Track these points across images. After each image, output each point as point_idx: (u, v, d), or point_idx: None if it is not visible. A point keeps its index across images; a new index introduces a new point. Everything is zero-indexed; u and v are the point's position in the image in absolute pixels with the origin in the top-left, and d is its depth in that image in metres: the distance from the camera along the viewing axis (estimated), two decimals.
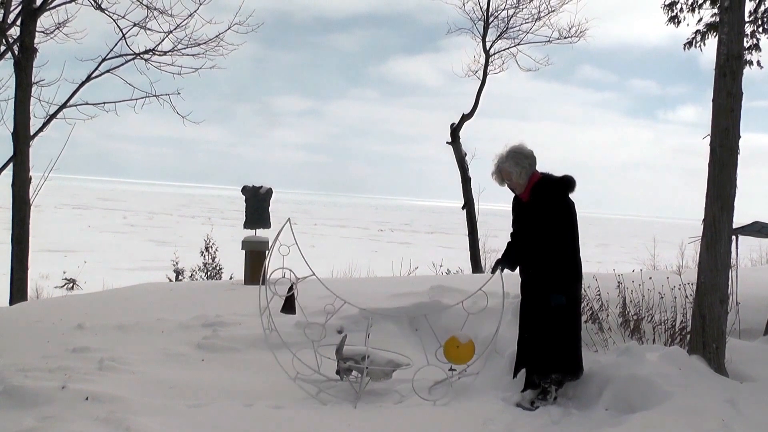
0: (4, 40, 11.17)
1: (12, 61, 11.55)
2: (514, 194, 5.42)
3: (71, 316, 7.79)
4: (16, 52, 11.50)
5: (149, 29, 12.62)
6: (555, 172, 5.30)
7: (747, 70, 8.90)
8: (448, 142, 17.53)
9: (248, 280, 10.64)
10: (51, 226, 35.85)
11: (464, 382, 5.50)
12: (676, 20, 9.80)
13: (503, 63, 17.85)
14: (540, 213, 5.17)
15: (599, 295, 6.95)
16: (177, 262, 16.68)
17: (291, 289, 5.68)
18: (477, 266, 17.19)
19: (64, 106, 12.47)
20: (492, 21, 17.37)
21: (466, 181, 17.50)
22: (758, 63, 9.85)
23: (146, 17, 12.45)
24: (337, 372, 5.51)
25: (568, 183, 5.20)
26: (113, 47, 12.68)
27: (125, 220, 51.78)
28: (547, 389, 5.14)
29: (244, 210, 11.33)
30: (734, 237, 5.85)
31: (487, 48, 17.59)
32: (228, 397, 5.17)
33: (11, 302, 11.17)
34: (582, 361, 5.31)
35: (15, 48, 11.54)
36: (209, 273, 16.55)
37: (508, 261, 5.50)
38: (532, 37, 17.51)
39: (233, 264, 15.10)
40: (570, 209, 5.18)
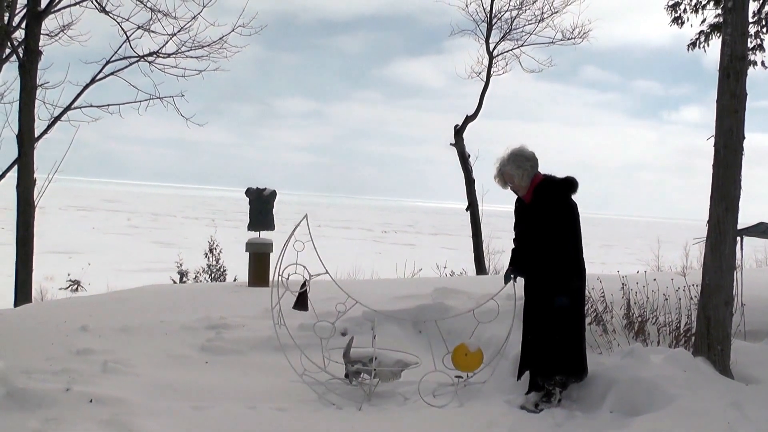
0: (9, 43, 11.20)
1: (17, 63, 11.59)
2: (516, 196, 5.42)
3: (75, 318, 7.80)
4: (21, 55, 11.53)
5: (153, 32, 12.67)
6: (558, 174, 5.30)
7: (751, 71, 8.90)
8: (451, 144, 17.53)
9: (252, 282, 10.64)
10: (55, 228, 35.93)
11: (468, 384, 5.49)
12: (680, 21, 9.79)
13: (506, 64, 17.88)
14: (542, 214, 5.17)
15: (603, 296, 6.93)
16: (181, 264, 16.71)
17: (304, 285, 5.66)
18: (481, 268, 17.18)
19: (68, 108, 12.50)
20: (495, 22, 17.39)
21: (470, 182, 17.49)
22: (762, 63, 9.85)
23: (150, 20, 12.51)
24: (346, 375, 5.50)
25: (570, 184, 5.19)
26: (117, 50, 12.72)
27: (129, 222, 51.85)
28: (551, 391, 5.12)
29: (248, 212, 11.34)
30: (739, 238, 5.82)
31: (491, 49, 17.60)
32: (232, 399, 5.17)
33: (16, 304, 11.19)
34: (586, 362, 5.30)
35: (20, 51, 11.58)
36: (213, 275, 16.58)
37: (518, 269, 5.47)
38: (535, 38, 17.53)
39: (237, 266, 15.11)
40: (572, 210, 5.17)
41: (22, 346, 6.53)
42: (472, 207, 17.46)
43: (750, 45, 9.22)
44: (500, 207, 5.58)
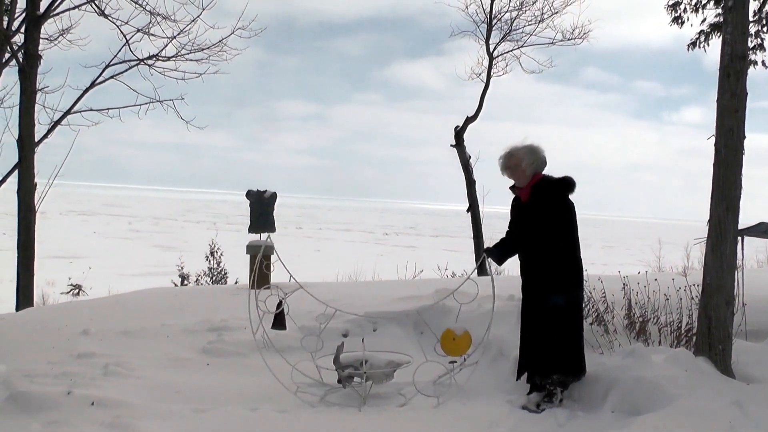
0: (8, 48, 11.21)
1: (17, 68, 11.59)
2: (513, 195, 5.44)
3: (77, 321, 7.81)
4: (21, 59, 11.54)
5: (153, 35, 12.67)
6: (555, 175, 5.31)
7: (751, 71, 8.91)
8: (452, 145, 17.52)
9: (253, 285, 10.63)
10: (56, 233, 35.98)
11: (470, 383, 5.48)
12: (680, 21, 9.78)
13: (507, 65, 17.87)
14: (539, 213, 5.17)
15: (605, 296, 6.93)
16: (182, 267, 16.72)
17: (280, 305, 5.68)
18: (482, 269, 17.15)
19: (68, 112, 12.51)
20: (495, 23, 17.39)
21: (471, 184, 17.48)
22: (763, 63, 9.83)
23: (149, 23, 12.51)
24: (339, 381, 5.50)
25: (568, 184, 5.20)
26: (117, 53, 12.73)
27: (130, 226, 51.90)
28: (552, 391, 5.12)
29: (249, 214, 11.33)
30: (740, 238, 5.81)
31: (491, 50, 17.60)
32: (233, 401, 5.17)
33: (17, 308, 11.20)
34: (584, 362, 5.29)
35: (19, 55, 11.58)
36: (214, 278, 16.58)
37: (498, 253, 5.51)
38: (535, 39, 17.51)
39: (238, 268, 15.11)
40: (570, 210, 5.17)
41: (24, 350, 6.55)
42: (473, 208, 17.45)
43: (750, 44, 9.21)
44: (501, 208, 5.59)
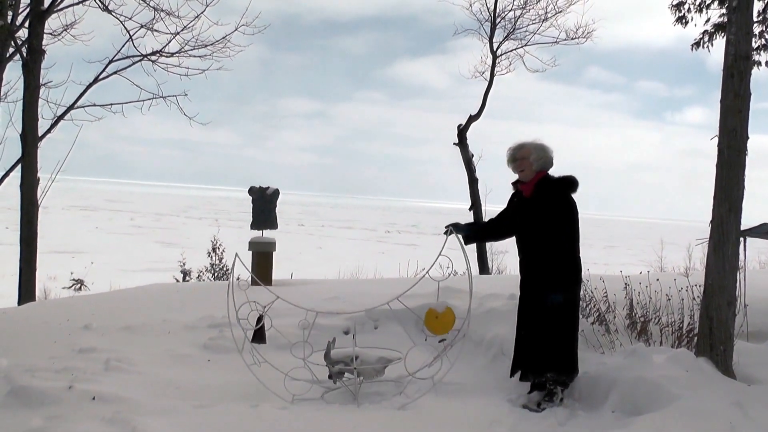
0: (12, 42, 11.23)
1: (20, 63, 11.62)
2: (515, 190, 5.45)
3: (78, 316, 7.82)
4: (24, 54, 11.56)
5: (156, 31, 12.72)
6: (558, 174, 5.34)
7: (755, 71, 8.87)
8: (455, 144, 17.53)
9: (255, 281, 10.64)
10: (59, 228, 36.03)
11: (470, 382, 5.49)
12: (684, 21, 9.76)
13: (510, 64, 17.90)
14: (541, 209, 5.18)
15: (606, 296, 6.93)
16: (184, 263, 16.73)
17: (260, 320, 5.69)
18: (484, 267, 17.17)
19: (71, 107, 12.54)
20: (499, 22, 17.41)
21: (473, 182, 17.50)
22: (767, 63, 9.81)
23: (153, 19, 12.56)
24: (329, 376, 5.49)
25: (570, 182, 5.22)
26: (120, 49, 12.78)
27: (132, 222, 51.93)
28: (553, 390, 5.12)
29: (251, 211, 11.35)
30: (742, 239, 5.81)
31: (494, 49, 17.61)
32: (234, 397, 5.17)
33: (20, 303, 11.22)
34: (577, 361, 5.29)
35: (23, 50, 11.61)
36: (216, 274, 16.59)
37: (467, 230, 5.52)
38: (539, 38, 17.56)
39: (240, 265, 15.09)
40: (571, 208, 5.18)
41: (26, 345, 6.56)
42: (475, 207, 17.47)
43: (755, 45, 9.20)
44: (503, 207, 5.59)
